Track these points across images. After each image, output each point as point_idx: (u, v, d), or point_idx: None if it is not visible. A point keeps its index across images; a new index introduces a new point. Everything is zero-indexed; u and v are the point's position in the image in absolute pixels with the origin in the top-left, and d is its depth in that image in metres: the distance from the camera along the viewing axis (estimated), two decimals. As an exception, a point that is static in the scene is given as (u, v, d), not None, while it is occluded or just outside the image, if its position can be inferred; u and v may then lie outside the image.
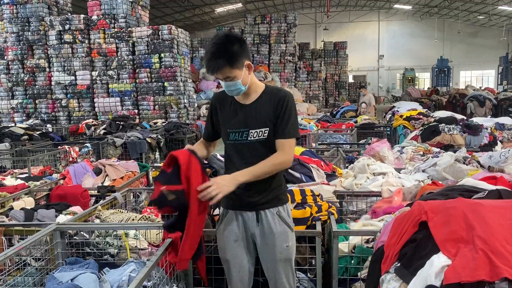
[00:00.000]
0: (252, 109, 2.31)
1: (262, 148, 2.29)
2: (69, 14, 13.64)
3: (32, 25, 12.77)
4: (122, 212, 3.23)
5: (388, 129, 9.62)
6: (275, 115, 2.29)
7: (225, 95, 2.40)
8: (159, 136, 8.41)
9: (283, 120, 2.28)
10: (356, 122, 10.30)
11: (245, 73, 2.25)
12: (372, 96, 13.15)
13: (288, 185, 3.07)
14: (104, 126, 9.73)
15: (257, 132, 2.28)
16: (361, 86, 18.72)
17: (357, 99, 24.38)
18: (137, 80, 12.50)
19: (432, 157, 4.52)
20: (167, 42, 12.27)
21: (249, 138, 2.29)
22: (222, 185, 2.14)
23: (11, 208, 3.46)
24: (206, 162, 4.32)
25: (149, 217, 3.04)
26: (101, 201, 3.49)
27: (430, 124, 6.81)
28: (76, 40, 12.55)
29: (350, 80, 30.02)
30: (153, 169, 5.44)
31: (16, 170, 5.81)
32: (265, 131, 2.28)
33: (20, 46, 12.84)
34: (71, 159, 6.75)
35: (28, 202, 3.70)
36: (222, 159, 3.90)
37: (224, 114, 2.37)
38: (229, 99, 2.38)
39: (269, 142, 2.30)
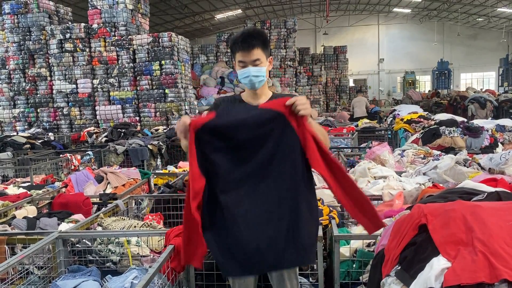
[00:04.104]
0: None
1: None
2: (69, 23, 13.70)
3: (33, 34, 12.84)
4: (124, 219, 3.24)
5: (389, 133, 9.63)
6: None
7: (231, 98, 2.43)
8: (161, 143, 8.43)
9: None
10: (357, 126, 10.32)
11: (268, 65, 2.31)
12: (361, 99, 15.06)
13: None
14: (105, 133, 9.76)
15: None
16: (358, 91, 19.01)
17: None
18: (138, 88, 12.54)
19: (432, 159, 4.52)
20: (167, 49, 12.31)
21: None
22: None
23: (14, 217, 3.47)
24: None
25: (151, 224, 3.06)
26: (103, 209, 3.51)
27: (431, 127, 6.81)
28: (77, 48, 12.60)
29: (351, 84, 30.04)
30: (155, 176, 5.46)
31: (18, 179, 5.82)
32: None
33: (21, 56, 12.90)
34: (73, 167, 6.77)
35: (30, 210, 3.71)
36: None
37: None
38: (236, 101, 2.40)
39: None
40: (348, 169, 5.05)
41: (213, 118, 2.07)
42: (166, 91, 12.41)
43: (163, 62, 12.29)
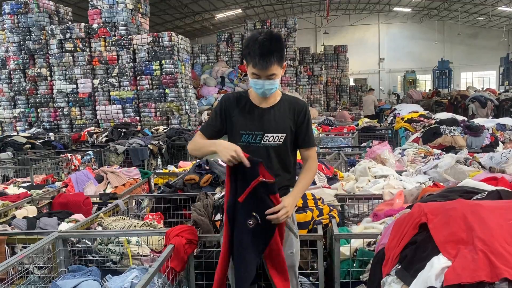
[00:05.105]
0: (271, 114, 2.31)
1: (273, 153, 2.29)
2: (69, 23, 13.69)
3: (33, 34, 12.83)
4: (124, 219, 3.24)
5: (390, 132, 9.63)
6: (296, 124, 2.33)
7: (238, 96, 2.39)
8: (161, 143, 8.43)
9: (307, 130, 2.36)
10: (357, 125, 10.32)
11: (281, 72, 2.30)
12: (368, 98, 16.19)
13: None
14: (106, 133, 9.76)
15: (273, 136, 2.28)
16: (370, 89, 19.32)
17: (359, 102, 24.84)
18: (138, 87, 12.53)
19: (433, 159, 4.52)
20: (167, 49, 12.30)
21: (262, 142, 2.28)
22: (290, 209, 2.19)
23: (14, 217, 3.48)
24: (207, 167, 4.35)
25: (151, 223, 3.05)
26: (103, 208, 3.51)
27: (431, 126, 6.81)
28: (77, 48, 12.60)
29: (351, 83, 30.00)
30: (155, 176, 5.46)
31: (18, 179, 5.83)
32: (282, 137, 2.29)
33: (21, 56, 12.90)
34: (73, 167, 6.78)
35: (30, 210, 3.71)
36: (223, 164, 3.91)
37: (238, 115, 2.33)
38: (243, 100, 2.36)
39: (282, 148, 2.31)
40: (348, 168, 5.06)
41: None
42: (167, 90, 12.41)
43: (163, 61, 12.28)
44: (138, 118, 12.50)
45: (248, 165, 2.09)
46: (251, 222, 2.16)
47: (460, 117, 7.50)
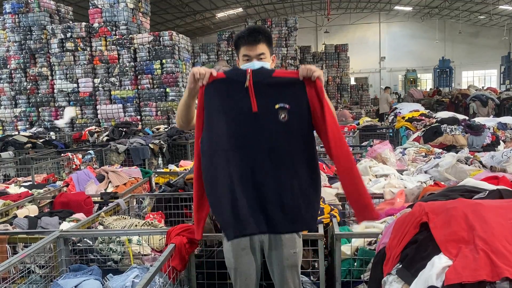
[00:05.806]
0: None
1: None
2: (70, 22, 13.71)
3: (34, 33, 12.85)
4: (125, 218, 3.24)
5: (391, 131, 9.61)
6: None
7: None
8: (162, 142, 8.43)
9: None
10: (358, 124, 10.31)
11: (271, 63, 2.34)
12: (382, 96, 17.56)
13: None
14: (107, 132, 9.76)
15: None
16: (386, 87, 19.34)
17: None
18: (139, 87, 12.55)
19: (434, 158, 4.52)
20: (168, 48, 12.31)
21: None
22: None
23: (15, 216, 3.48)
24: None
25: (152, 222, 3.05)
26: (104, 208, 3.51)
27: (432, 125, 6.80)
28: (78, 47, 12.61)
29: (352, 82, 29.97)
30: (156, 175, 5.46)
31: (20, 178, 5.84)
32: None
33: (22, 55, 12.92)
34: (74, 166, 6.78)
35: (31, 210, 3.71)
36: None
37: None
38: None
39: None
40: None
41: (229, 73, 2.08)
42: (167, 90, 12.41)
43: (164, 61, 12.29)
44: (139, 117, 12.52)
45: (215, 73, 2.01)
46: (283, 115, 2.01)
47: (461, 116, 7.48)
